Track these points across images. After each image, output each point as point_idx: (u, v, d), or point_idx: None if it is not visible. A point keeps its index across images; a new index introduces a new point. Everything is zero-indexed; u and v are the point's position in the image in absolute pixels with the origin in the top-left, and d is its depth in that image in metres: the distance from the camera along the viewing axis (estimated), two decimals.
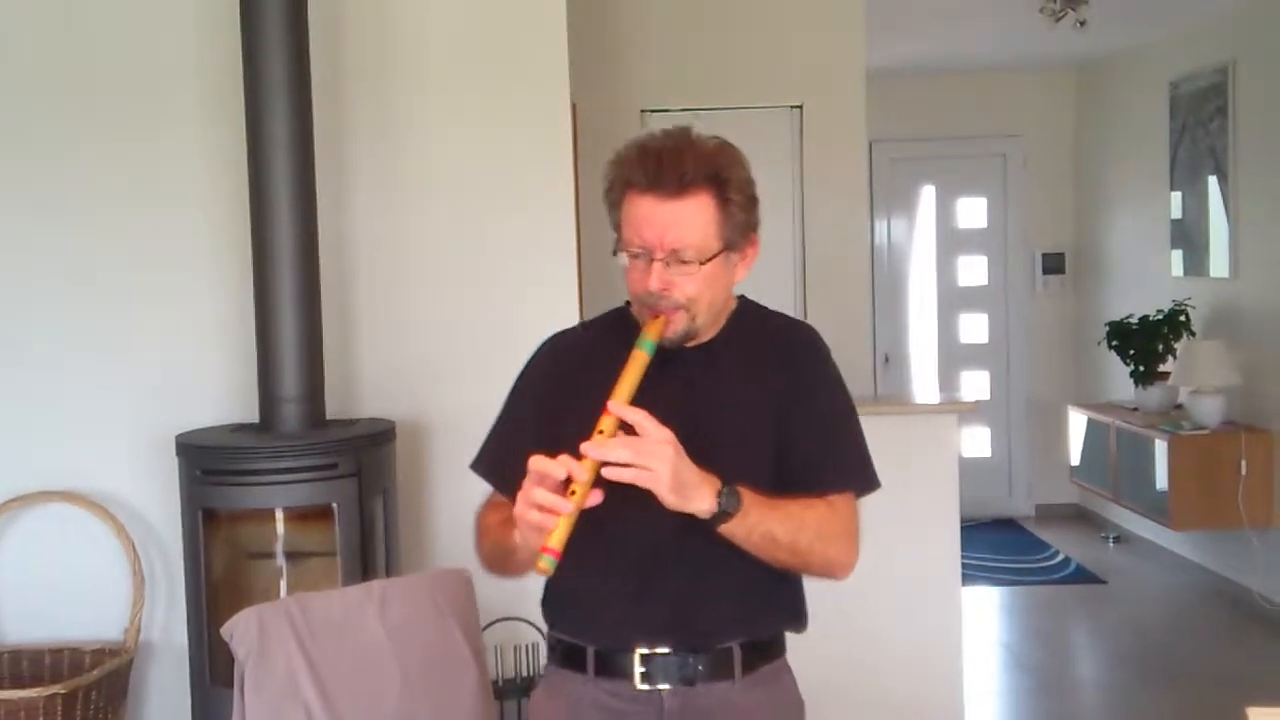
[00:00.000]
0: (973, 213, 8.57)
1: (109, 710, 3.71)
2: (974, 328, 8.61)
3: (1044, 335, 8.47)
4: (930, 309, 8.58)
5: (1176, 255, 7.06)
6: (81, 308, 3.95)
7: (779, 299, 5.94)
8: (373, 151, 4.00)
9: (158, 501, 3.90)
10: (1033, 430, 8.48)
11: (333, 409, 3.80)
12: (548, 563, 1.82)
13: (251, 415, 3.79)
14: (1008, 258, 8.51)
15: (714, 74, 5.90)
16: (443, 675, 2.77)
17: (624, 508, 1.84)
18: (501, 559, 2.05)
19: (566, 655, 2.10)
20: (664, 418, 1.89)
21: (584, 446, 1.82)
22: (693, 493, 1.85)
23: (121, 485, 3.93)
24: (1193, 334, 6.63)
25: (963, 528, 4.35)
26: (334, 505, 3.51)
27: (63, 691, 3.53)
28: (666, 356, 1.98)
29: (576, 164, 4.11)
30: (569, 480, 1.83)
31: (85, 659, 3.83)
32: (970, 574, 5.78)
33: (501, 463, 2.11)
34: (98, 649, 3.85)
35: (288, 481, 3.50)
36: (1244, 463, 6.12)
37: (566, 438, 1.94)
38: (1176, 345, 6.64)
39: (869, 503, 4.40)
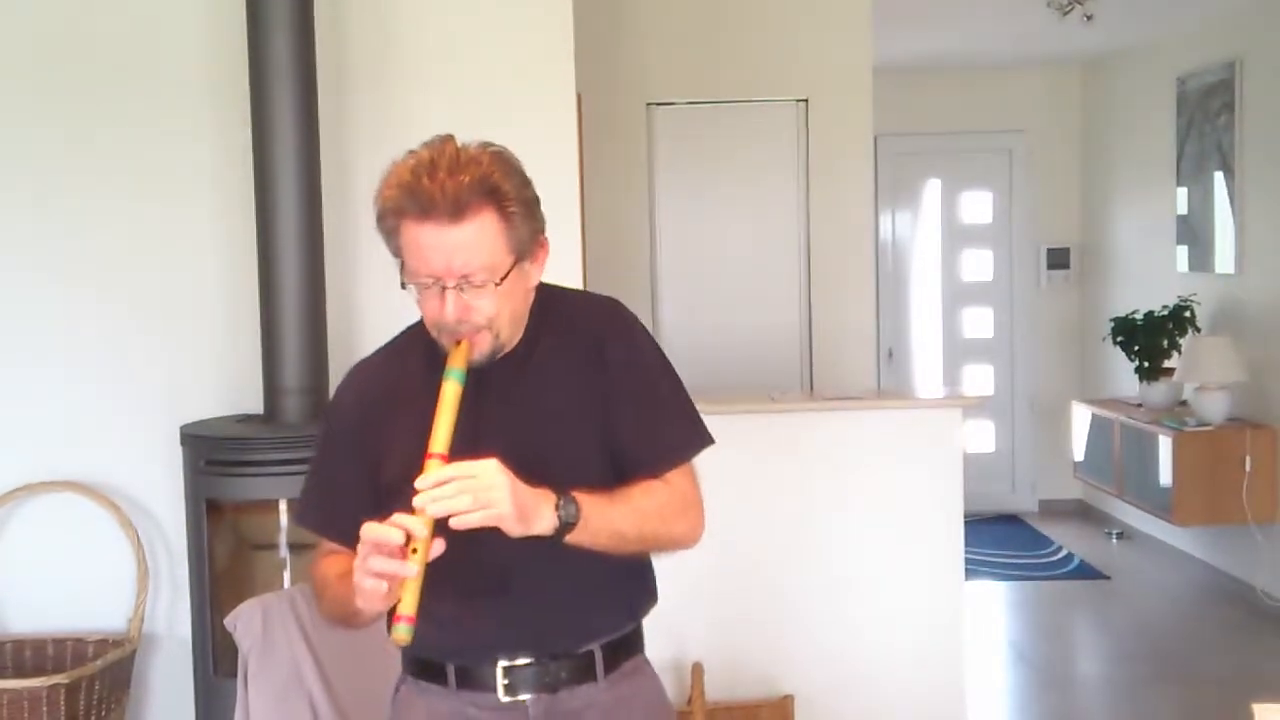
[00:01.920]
0: (978, 207, 8.56)
1: (112, 701, 3.71)
2: (978, 322, 8.59)
3: (1048, 330, 8.46)
4: (935, 303, 8.57)
5: (1182, 251, 7.05)
6: (86, 299, 3.96)
7: (784, 292, 6.00)
8: (377, 143, 3.99)
9: (162, 492, 3.90)
10: (1037, 426, 8.47)
11: None
12: (405, 631, 1.75)
13: (255, 406, 3.79)
14: (1013, 253, 8.50)
15: (720, 67, 5.89)
16: None
17: (467, 529, 1.78)
18: (345, 619, 1.95)
19: (423, 668, 2.04)
20: (487, 437, 1.86)
21: (418, 501, 1.75)
22: (533, 515, 1.80)
23: (125, 476, 3.93)
24: (1198, 330, 6.62)
25: (966, 523, 4.34)
26: None
27: (65, 682, 3.53)
28: (477, 375, 1.92)
29: (582, 156, 4.10)
30: (408, 538, 1.76)
31: (88, 649, 3.84)
32: (973, 569, 5.77)
33: (329, 512, 2.06)
34: (101, 639, 3.85)
35: (291, 473, 3.49)
36: (1248, 459, 6.11)
37: (392, 478, 1.91)
38: (1181, 341, 6.63)
39: (872, 498, 4.41)
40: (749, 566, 4.13)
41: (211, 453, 3.57)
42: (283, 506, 3.58)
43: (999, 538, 7.75)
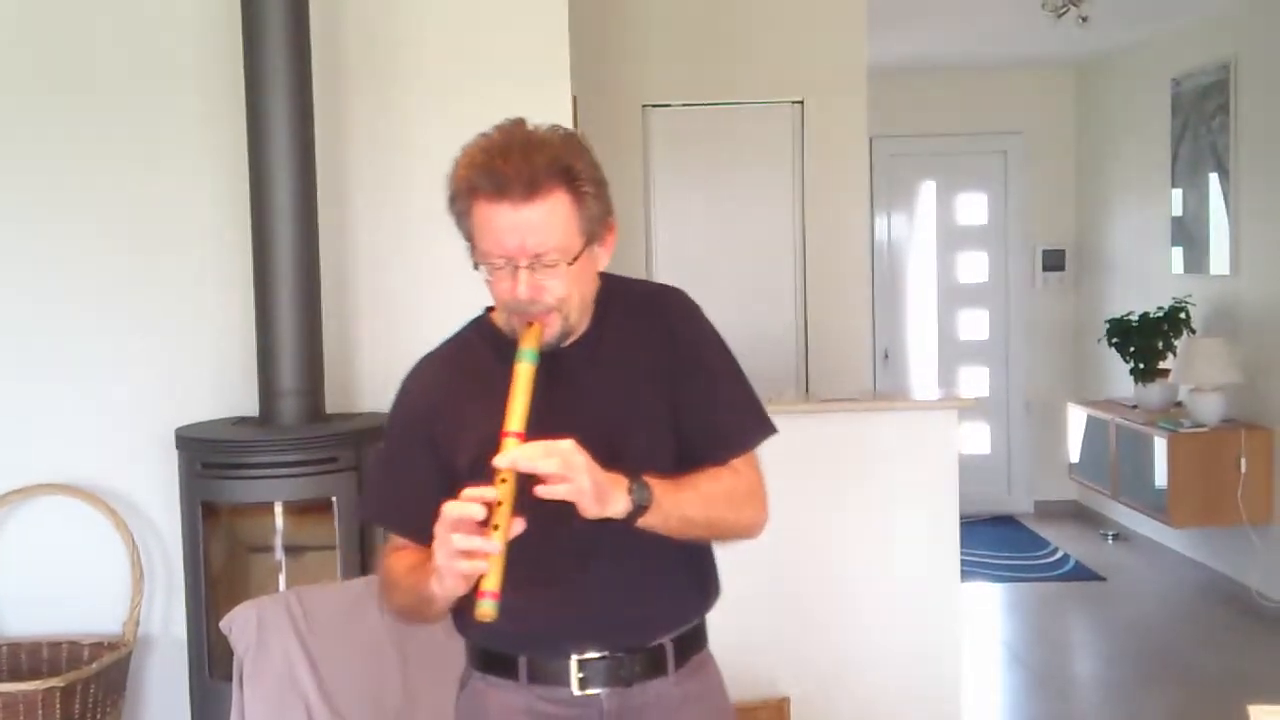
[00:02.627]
0: (973, 209, 8.57)
1: (107, 704, 3.71)
2: (974, 324, 8.60)
3: (1044, 332, 8.47)
4: (930, 305, 8.57)
5: (1177, 252, 7.06)
6: (81, 301, 3.95)
7: (779, 294, 6.00)
8: (372, 144, 4.00)
9: (157, 495, 3.89)
10: (1032, 427, 8.48)
11: (332, 403, 3.79)
12: (490, 607, 1.74)
13: (251, 409, 3.78)
14: (1008, 254, 8.51)
15: (715, 69, 5.89)
16: (441, 668, 2.77)
17: (539, 518, 1.79)
18: (417, 609, 1.95)
19: (492, 663, 2.04)
20: (559, 423, 1.85)
21: (501, 460, 1.75)
22: (608, 495, 1.81)
23: (121, 478, 3.93)
24: (1193, 331, 6.63)
25: (962, 524, 4.35)
26: (333, 499, 3.52)
27: (61, 685, 3.53)
28: (548, 360, 1.92)
29: None
30: (488, 517, 1.75)
31: (84, 652, 3.83)
32: (969, 571, 5.78)
33: (397, 505, 2.05)
34: (96, 642, 3.85)
35: (287, 475, 3.50)
36: (1243, 460, 6.12)
37: (469, 465, 1.91)
38: (1176, 342, 6.64)
39: (868, 500, 4.41)
40: (745, 568, 4.12)
41: (207, 455, 3.57)
42: (278, 509, 3.58)
43: (995, 539, 7.75)
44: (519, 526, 1.77)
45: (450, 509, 1.76)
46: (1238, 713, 2.21)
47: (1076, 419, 7.52)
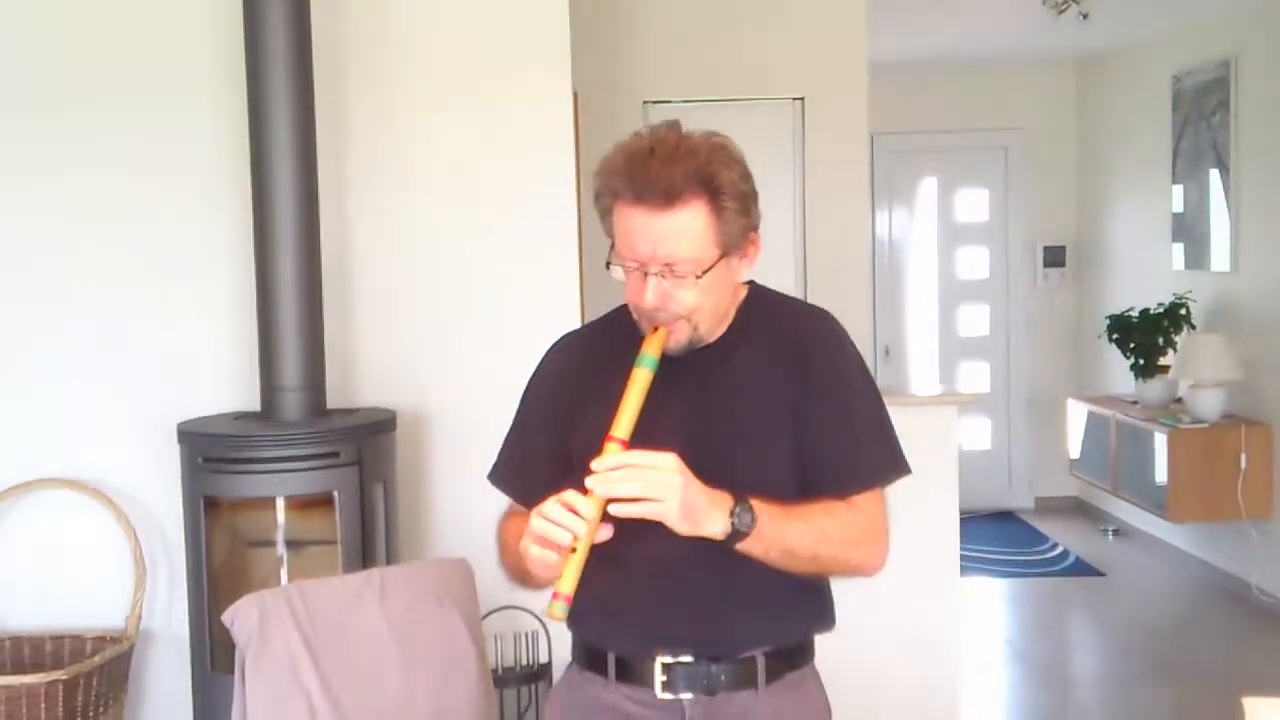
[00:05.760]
0: (974, 205, 8.57)
1: (110, 697, 3.72)
2: (974, 320, 8.61)
3: (1044, 328, 8.48)
4: (931, 301, 8.58)
5: (1177, 248, 7.06)
6: (83, 295, 3.96)
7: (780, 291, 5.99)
8: (374, 139, 4.00)
9: (159, 489, 3.90)
10: (1033, 423, 8.49)
11: (333, 398, 3.80)
12: (559, 609, 1.77)
13: (253, 403, 3.80)
14: (1009, 250, 8.52)
15: (716, 66, 5.89)
16: (443, 663, 2.78)
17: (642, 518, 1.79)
18: (522, 576, 1.98)
19: (587, 657, 2.05)
20: (676, 427, 1.86)
21: (589, 482, 1.77)
22: (704, 516, 1.79)
23: (123, 473, 3.94)
24: (1193, 327, 6.63)
25: (962, 520, 4.36)
26: (335, 494, 3.52)
27: (64, 678, 3.54)
28: (673, 364, 1.91)
29: (578, 154, 4.11)
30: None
31: (86, 646, 3.85)
32: (969, 566, 5.79)
33: (518, 474, 2.08)
34: (99, 636, 3.86)
35: (289, 470, 3.51)
36: (1243, 456, 6.13)
37: (575, 451, 1.91)
38: (1177, 338, 6.65)
39: None
40: None
41: (209, 450, 3.57)
42: (280, 503, 3.59)
43: (995, 534, 7.76)
44: (605, 534, 1.79)
45: (539, 510, 1.80)
46: (1236, 707, 2.22)
47: (1077, 415, 7.53)
